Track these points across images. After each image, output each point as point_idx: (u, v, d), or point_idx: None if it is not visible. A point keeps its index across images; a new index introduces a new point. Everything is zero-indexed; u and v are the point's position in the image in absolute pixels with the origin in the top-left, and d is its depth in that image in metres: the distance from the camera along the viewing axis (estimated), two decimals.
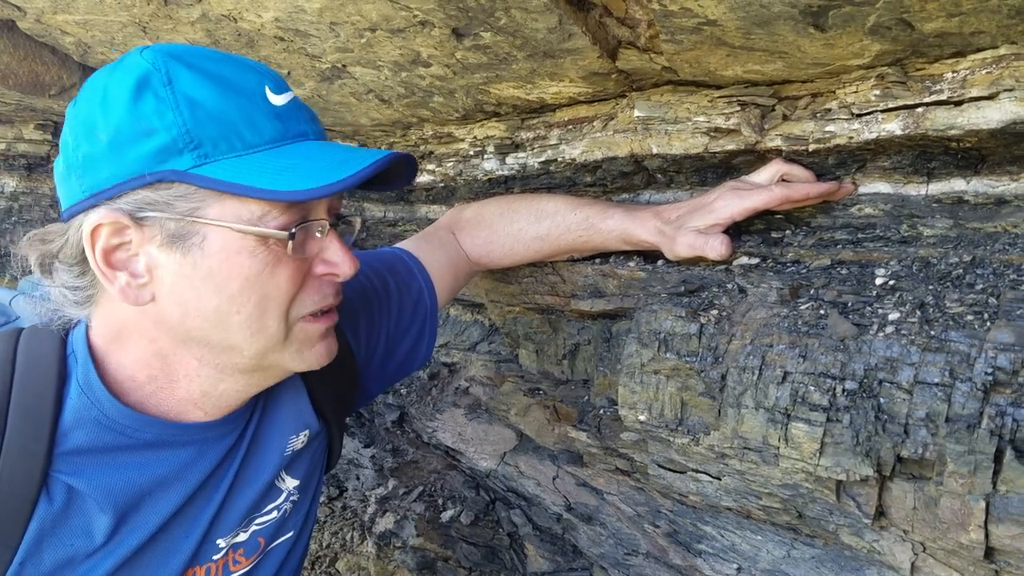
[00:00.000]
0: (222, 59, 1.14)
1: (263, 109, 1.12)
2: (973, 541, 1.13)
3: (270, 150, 1.11)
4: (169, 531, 1.25)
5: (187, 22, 1.71)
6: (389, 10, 1.42)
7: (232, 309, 1.13)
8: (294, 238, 1.12)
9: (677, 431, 1.50)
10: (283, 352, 1.21)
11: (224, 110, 1.08)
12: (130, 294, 1.12)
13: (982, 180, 1.33)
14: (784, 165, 1.49)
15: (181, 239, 1.09)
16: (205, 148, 1.07)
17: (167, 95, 1.07)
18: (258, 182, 1.05)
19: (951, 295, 1.27)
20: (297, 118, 1.17)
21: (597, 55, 1.42)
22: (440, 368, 2.82)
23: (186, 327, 1.15)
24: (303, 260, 1.17)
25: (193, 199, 1.08)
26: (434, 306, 1.72)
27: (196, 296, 1.12)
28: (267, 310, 1.15)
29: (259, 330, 1.16)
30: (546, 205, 1.80)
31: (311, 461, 1.49)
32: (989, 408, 1.12)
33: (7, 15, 2.07)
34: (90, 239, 1.09)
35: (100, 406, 1.16)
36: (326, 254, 1.20)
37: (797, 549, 1.51)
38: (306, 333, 1.22)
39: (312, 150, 1.14)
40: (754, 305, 1.45)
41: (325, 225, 1.18)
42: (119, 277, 1.11)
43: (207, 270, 1.10)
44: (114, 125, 1.07)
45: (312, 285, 1.20)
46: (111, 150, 1.07)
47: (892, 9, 1.07)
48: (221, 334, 1.15)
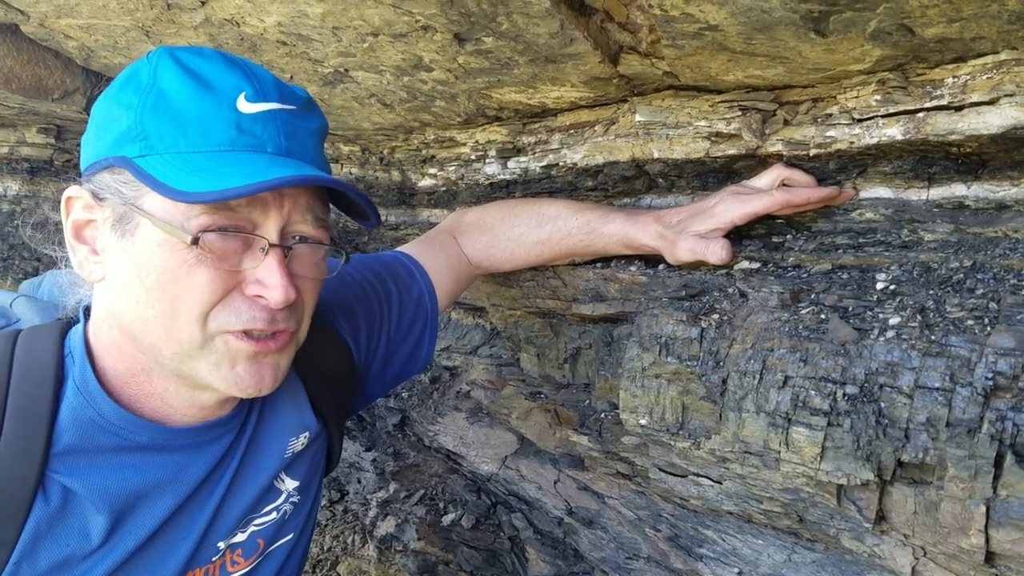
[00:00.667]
0: (217, 59, 1.16)
1: (223, 114, 1.12)
2: (974, 545, 1.13)
3: (212, 154, 1.10)
4: (166, 533, 1.25)
5: (190, 26, 1.72)
6: (391, 15, 1.42)
7: (148, 302, 1.12)
8: (198, 243, 1.08)
9: (678, 435, 1.50)
10: (201, 363, 1.16)
11: (184, 107, 1.11)
12: (85, 267, 1.18)
13: (983, 185, 1.34)
14: (785, 170, 1.49)
15: (122, 223, 1.13)
16: (150, 141, 1.10)
17: (145, 85, 1.12)
18: (171, 180, 1.05)
19: (952, 300, 1.27)
20: (262, 129, 1.14)
21: (599, 60, 1.42)
22: (441, 372, 2.83)
23: (120, 313, 1.16)
24: (230, 272, 1.13)
25: (134, 187, 1.11)
26: (435, 309, 1.72)
27: (125, 283, 1.14)
28: (179, 311, 1.12)
29: (171, 330, 1.13)
30: (547, 209, 1.80)
31: (311, 463, 1.49)
32: (989, 413, 1.12)
33: (11, 19, 2.08)
34: (65, 209, 1.18)
35: (96, 406, 1.16)
36: (258, 273, 1.14)
37: (798, 553, 1.51)
38: (228, 348, 1.16)
39: (249, 161, 1.11)
40: (755, 309, 1.45)
41: (266, 244, 1.13)
42: (80, 250, 1.18)
43: (135, 257, 1.12)
44: (102, 110, 1.16)
45: (239, 301, 1.15)
46: (95, 132, 1.16)
47: (893, 14, 1.07)
48: (140, 327, 1.15)
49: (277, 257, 1.14)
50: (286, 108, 1.17)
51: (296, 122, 1.19)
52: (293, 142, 1.18)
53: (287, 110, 1.17)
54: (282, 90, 1.19)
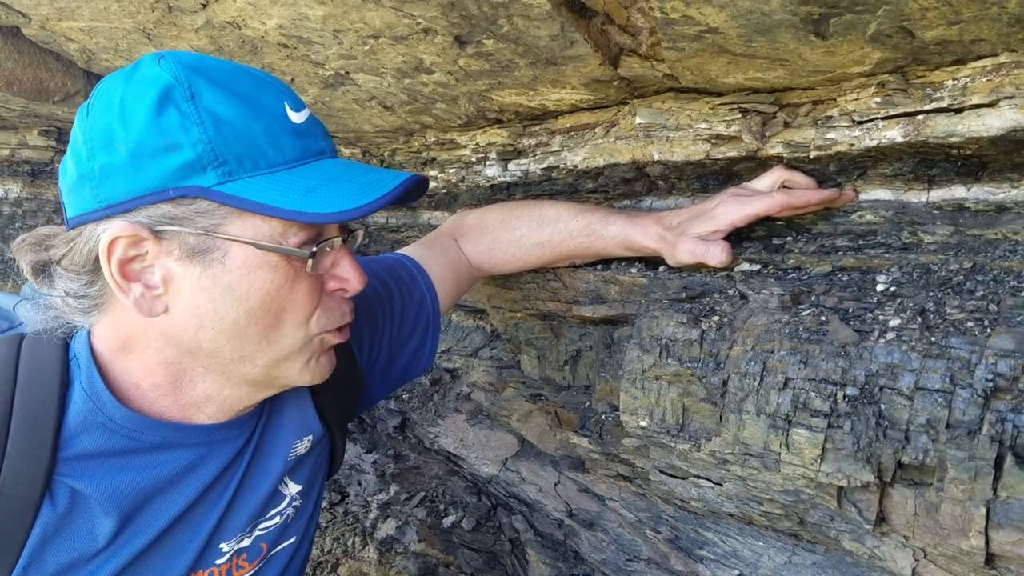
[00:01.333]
0: (241, 74, 1.15)
1: (285, 127, 1.13)
2: (974, 547, 1.13)
3: (292, 169, 1.13)
4: (173, 534, 1.25)
5: (191, 29, 1.72)
6: (392, 17, 1.42)
7: (250, 322, 1.14)
8: (314, 257, 1.14)
9: (678, 437, 1.51)
10: (293, 364, 1.23)
11: (248, 128, 1.09)
12: (144, 305, 1.12)
13: (983, 187, 1.34)
14: (785, 172, 1.49)
15: (202, 253, 1.10)
16: (229, 166, 1.08)
17: (190, 110, 1.07)
18: (283, 203, 1.07)
19: (952, 302, 1.27)
20: (315, 135, 1.18)
21: (599, 62, 1.42)
22: (442, 374, 2.83)
23: (199, 339, 1.15)
24: (318, 276, 1.19)
25: (215, 215, 1.09)
26: (436, 311, 1.72)
27: (214, 309, 1.12)
28: (284, 323, 1.17)
29: (275, 341, 1.18)
30: (548, 211, 1.80)
31: (314, 466, 1.49)
32: (989, 414, 1.12)
33: (12, 22, 2.08)
34: (107, 251, 1.09)
35: (105, 410, 1.16)
36: (337, 269, 1.23)
37: (798, 555, 1.51)
38: (322, 344, 1.25)
39: (333, 170, 1.16)
40: (755, 311, 1.45)
41: (337, 241, 1.20)
42: (134, 288, 1.11)
43: (227, 284, 1.11)
44: (135, 138, 1.06)
45: (329, 302, 1.23)
46: (131, 163, 1.07)
47: (893, 17, 1.07)
48: (235, 345, 1.16)
49: (348, 252, 1.24)
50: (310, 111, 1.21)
51: (318, 119, 1.23)
52: (330, 140, 1.24)
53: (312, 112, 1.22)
54: (293, 92, 1.21)
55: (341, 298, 1.26)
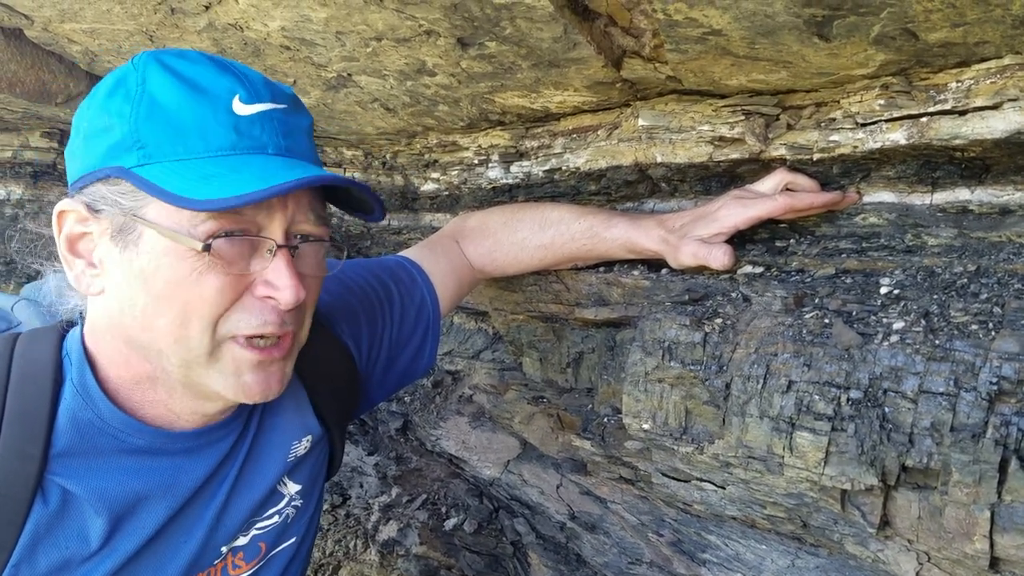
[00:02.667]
0: (205, 62, 1.14)
1: (221, 118, 1.11)
2: (978, 551, 1.13)
3: (214, 159, 1.10)
4: (167, 536, 1.25)
5: (194, 31, 1.72)
6: (395, 20, 1.42)
7: (157, 311, 1.12)
8: (209, 249, 1.08)
9: (681, 440, 1.50)
10: (209, 371, 1.16)
11: (180, 113, 1.09)
12: (83, 281, 1.16)
13: (986, 190, 1.34)
14: (788, 174, 1.49)
15: (123, 234, 1.11)
16: (148, 149, 1.08)
17: (134, 94, 1.09)
18: (177, 188, 1.04)
19: (956, 304, 1.27)
20: (260, 130, 1.14)
21: (602, 64, 1.42)
22: (444, 376, 2.82)
23: (124, 325, 1.15)
24: (239, 276, 1.13)
25: (134, 197, 1.09)
26: (437, 314, 1.72)
27: (129, 293, 1.13)
28: (189, 319, 1.12)
29: (181, 338, 1.13)
30: (550, 214, 1.80)
31: (313, 467, 1.49)
32: (994, 418, 1.12)
33: (14, 24, 2.08)
34: (57, 223, 1.15)
35: (95, 408, 1.16)
36: (267, 274, 1.14)
37: (802, 559, 1.51)
38: (234, 357, 1.16)
39: (252, 163, 1.11)
40: (758, 314, 1.45)
41: (273, 245, 1.13)
42: (77, 264, 1.16)
43: (139, 268, 1.11)
44: (88, 119, 1.14)
45: (250, 304, 1.15)
46: (83, 143, 1.14)
47: (896, 19, 1.07)
48: (148, 337, 1.14)
49: (285, 258, 1.14)
50: (279, 107, 1.17)
51: (289, 120, 1.19)
52: (291, 140, 1.18)
53: (280, 109, 1.17)
54: (272, 89, 1.18)
55: (269, 306, 1.16)
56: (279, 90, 1.20)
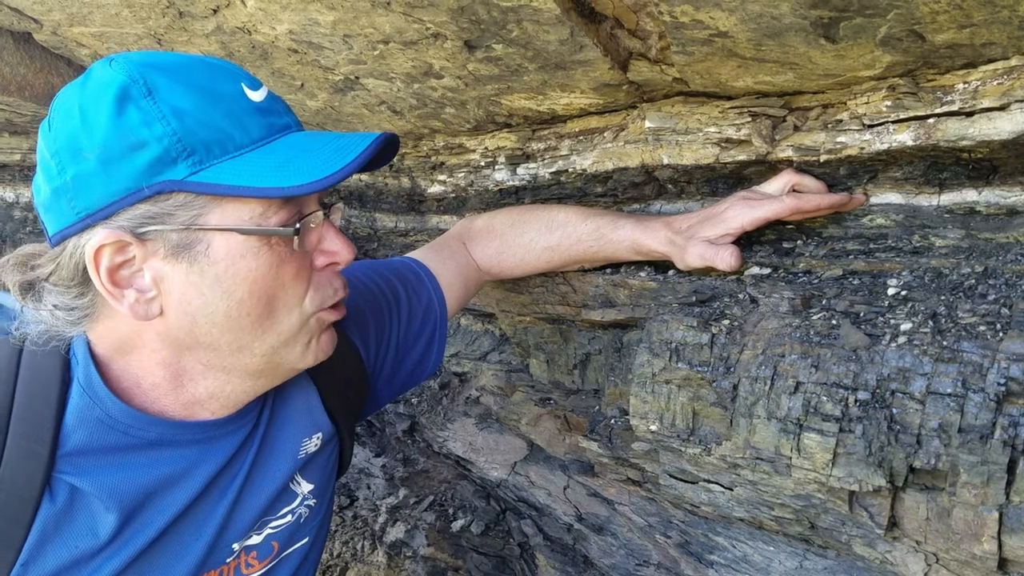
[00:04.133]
0: (193, 64, 1.14)
1: (246, 107, 1.13)
2: (986, 552, 1.12)
3: (261, 147, 1.12)
4: (178, 531, 1.25)
5: (202, 34, 1.73)
6: (402, 23, 1.43)
7: (242, 312, 1.14)
8: (299, 233, 1.14)
9: (689, 441, 1.50)
10: (293, 347, 1.22)
11: (210, 114, 1.09)
12: (140, 310, 1.12)
13: (994, 191, 1.33)
14: (795, 175, 1.49)
15: (186, 248, 1.09)
16: (199, 154, 1.07)
17: (150, 106, 1.06)
18: (259, 181, 1.06)
19: (963, 305, 1.27)
20: (277, 111, 1.18)
21: (608, 67, 1.42)
22: (451, 378, 2.83)
23: (195, 335, 1.15)
24: (305, 254, 1.19)
25: (193, 207, 1.08)
26: (444, 315, 1.72)
27: (204, 303, 1.12)
28: (277, 308, 1.16)
29: (270, 328, 1.18)
30: (557, 216, 1.80)
31: (325, 466, 1.49)
32: (1002, 418, 1.12)
33: (24, 27, 2.10)
34: (94, 261, 1.08)
35: (103, 405, 1.16)
36: (324, 244, 1.21)
37: (810, 560, 1.51)
38: (319, 323, 1.24)
39: (302, 142, 1.15)
40: (766, 315, 1.45)
41: (319, 216, 1.19)
42: (127, 295, 1.11)
43: (214, 276, 1.11)
44: (100, 142, 1.06)
45: (320, 280, 1.22)
46: (101, 167, 1.06)
47: (903, 20, 1.07)
48: (231, 336, 1.16)
49: (332, 224, 1.22)
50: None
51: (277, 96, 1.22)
52: (292, 114, 1.23)
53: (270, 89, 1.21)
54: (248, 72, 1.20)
55: (332, 273, 1.24)
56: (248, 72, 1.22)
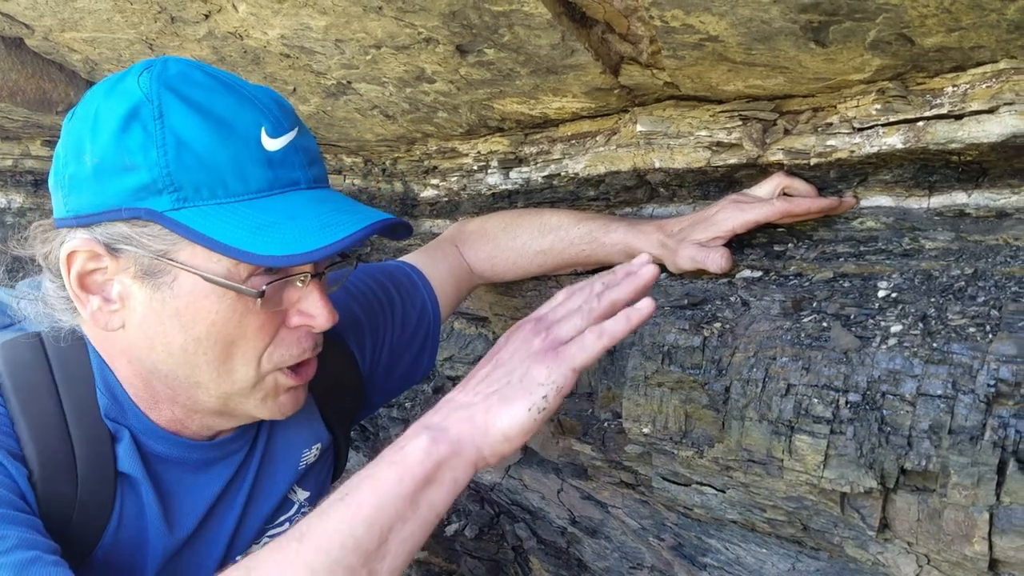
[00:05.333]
0: (223, 90, 1.11)
1: (255, 156, 1.09)
2: (977, 553, 1.13)
3: (255, 200, 1.08)
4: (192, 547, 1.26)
5: (193, 39, 1.73)
6: (394, 27, 1.43)
7: (198, 350, 1.12)
8: (263, 295, 1.10)
9: (681, 444, 1.51)
10: (248, 399, 1.19)
11: (212, 154, 1.06)
12: (100, 319, 1.12)
13: (983, 193, 1.34)
14: (786, 178, 1.49)
15: (152, 275, 1.09)
16: (185, 192, 1.05)
17: (155, 130, 1.05)
18: (231, 239, 1.03)
19: (953, 307, 1.27)
20: (291, 164, 1.13)
21: (600, 71, 1.43)
22: (444, 382, 2.83)
23: (152, 360, 1.14)
24: (276, 312, 1.15)
25: (166, 240, 1.07)
26: (437, 319, 1.73)
27: (163, 332, 1.11)
28: (233, 356, 1.14)
29: (225, 374, 1.15)
30: (549, 219, 1.81)
31: (321, 473, 1.50)
32: (992, 420, 1.12)
33: (15, 33, 2.09)
34: (66, 262, 1.09)
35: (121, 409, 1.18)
36: (303, 304, 1.17)
37: (802, 562, 1.51)
38: (276, 383, 1.20)
39: (298, 206, 1.10)
40: (757, 318, 1.46)
41: (307, 277, 1.15)
42: (92, 301, 1.12)
43: (175, 309, 1.09)
44: (99, 153, 1.06)
45: (288, 336, 1.18)
46: (94, 177, 1.06)
47: (892, 24, 1.08)
48: (187, 370, 1.14)
49: (319, 287, 1.17)
50: (297, 134, 1.15)
51: (307, 144, 1.18)
52: (315, 169, 1.18)
53: (298, 135, 1.15)
54: (285, 111, 1.16)
55: (304, 333, 1.19)
56: (288, 110, 1.17)
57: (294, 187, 1.13)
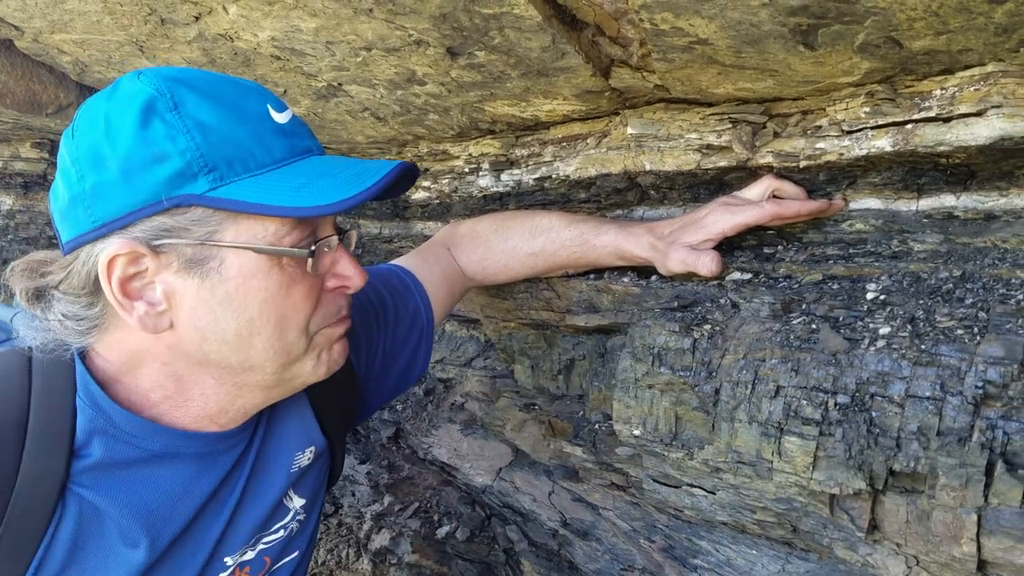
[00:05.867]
0: (222, 82, 1.16)
1: (270, 127, 1.14)
2: (966, 554, 1.13)
3: (281, 167, 1.13)
4: (179, 548, 1.24)
5: (184, 41, 1.73)
6: (384, 29, 1.43)
7: (252, 331, 1.15)
8: (313, 254, 1.15)
9: (671, 445, 1.51)
10: (304, 362, 1.24)
11: (234, 131, 1.10)
12: (149, 323, 1.12)
13: (971, 196, 1.35)
14: (775, 181, 1.50)
15: (199, 264, 1.10)
16: (220, 170, 1.08)
17: (175, 120, 1.07)
18: (276, 200, 1.07)
19: (941, 309, 1.28)
20: (300, 134, 1.19)
21: (590, 73, 1.43)
22: (436, 384, 2.83)
23: (204, 351, 1.16)
24: (316, 277, 1.20)
25: (210, 222, 1.09)
26: (430, 321, 1.73)
27: (214, 320, 1.13)
28: (287, 328, 1.17)
29: (281, 349, 1.19)
30: (540, 221, 1.81)
31: (316, 479, 1.49)
32: (980, 421, 1.13)
33: (4, 35, 2.09)
34: (106, 270, 1.08)
35: (106, 416, 1.15)
36: (337, 268, 1.23)
37: (792, 563, 1.52)
38: (326, 338, 1.25)
39: (322, 166, 1.16)
40: (747, 320, 1.46)
41: (334, 240, 1.20)
42: (137, 307, 1.11)
43: (225, 294, 1.11)
44: (123, 153, 1.06)
45: (326, 299, 1.23)
46: (123, 178, 1.06)
47: (880, 27, 1.08)
48: (242, 355, 1.17)
49: (346, 250, 1.25)
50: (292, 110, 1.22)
51: (301, 120, 1.23)
52: (315, 139, 1.25)
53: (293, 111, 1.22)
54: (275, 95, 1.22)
55: (339, 294, 1.26)
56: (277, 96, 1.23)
57: (309, 153, 1.19)
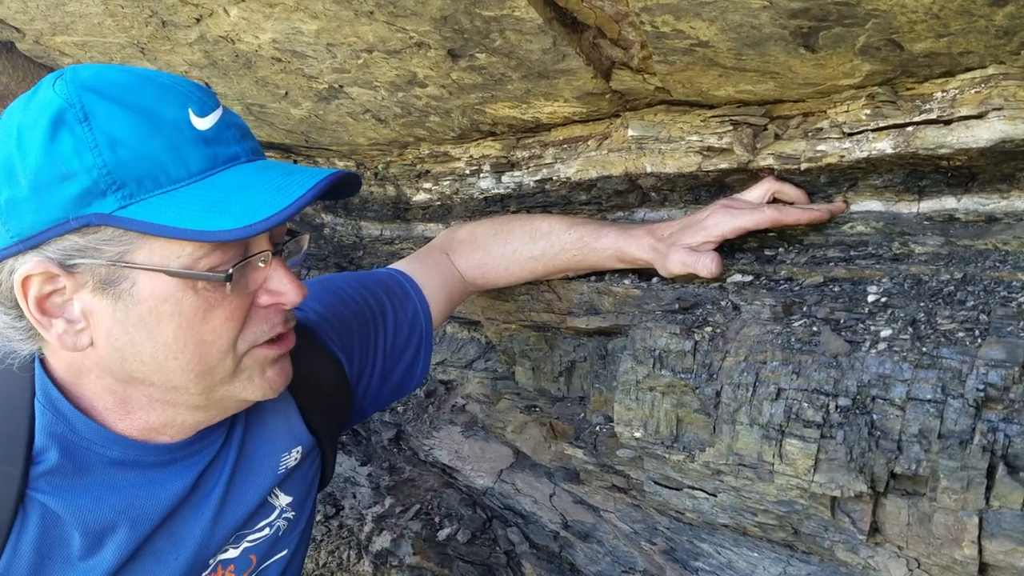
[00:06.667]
0: (142, 83, 1.07)
1: (188, 136, 1.05)
2: (967, 557, 1.13)
3: (199, 181, 1.05)
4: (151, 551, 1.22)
5: (185, 43, 1.73)
6: (385, 32, 1.43)
7: (168, 355, 1.09)
8: (231, 279, 1.06)
9: (672, 448, 1.51)
10: (234, 384, 1.17)
11: (146, 144, 1.02)
12: (67, 340, 1.08)
13: (972, 198, 1.35)
14: (776, 183, 1.50)
15: (112, 285, 1.05)
16: (129, 188, 1.01)
17: (84, 133, 1.01)
18: (186, 222, 1.00)
19: (942, 312, 1.28)
20: (226, 139, 1.10)
21: (591, 75, 1.43)
22: (437, 386, 2.83)
23: (127, 370, 1.11)
24: (243, 297, 1.12)
25: (120, 242, 1.03)
26: (429, 326, 1.72)
27: (131, 342, 1.08)
28: (207, 353, 1.10)
29: (202, 372, 1.12)
30: (540, 225, 1.80)
31: (305, 478, 1.48)
32: (981, 424, 1.13)
33: (6, 37, 2.09)
34: (21, 289, 1.05)
35: (66, 421, 1.14)
36: (270, 284, 1.14)
37: (793, 566, 1.51)
38: (257, 360, 1.17)
39: (244, 177, 1.08)
40: (748, 322, 1.46)
41: (268, 255, 1.12)
42: (55, 324, 1.07)
43: (138, 317, 1.06)
44: (32, 168, 1.01)
45: (258, 316, 1.15)
46: (33, 195, 1.02)
47: (881, 30, 1.08)
48: (162, 377, 1.11)
49: (281, 263, 1.15)
50: (224, 111, 1.13)
51: (235, 120, 1.15)
52: (249, 141, 1.15)
53: (224, 111, 1.13)
54: (207, 93, 1.13)
55: (275, 311, 1.17)
56: (208, 91, 1.14)
57: (235, 161, 1.10)
